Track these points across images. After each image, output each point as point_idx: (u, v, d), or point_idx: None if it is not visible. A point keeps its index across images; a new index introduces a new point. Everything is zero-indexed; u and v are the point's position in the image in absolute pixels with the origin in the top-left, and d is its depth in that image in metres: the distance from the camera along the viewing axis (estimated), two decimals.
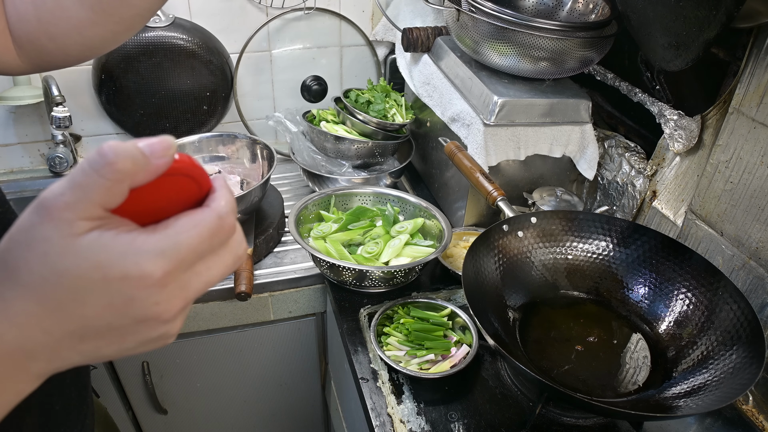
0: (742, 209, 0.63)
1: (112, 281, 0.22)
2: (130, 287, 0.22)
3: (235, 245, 0.26)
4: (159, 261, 0.22)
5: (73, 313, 0.22)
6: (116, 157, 0.21)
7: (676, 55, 0.60)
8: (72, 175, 0.22)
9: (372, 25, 1.16)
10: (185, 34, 1.01)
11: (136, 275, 0.22)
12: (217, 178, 0.26)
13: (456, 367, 0.63)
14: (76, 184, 0.22)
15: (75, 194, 0.22)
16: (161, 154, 0.23)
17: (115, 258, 0.22)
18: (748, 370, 0.53)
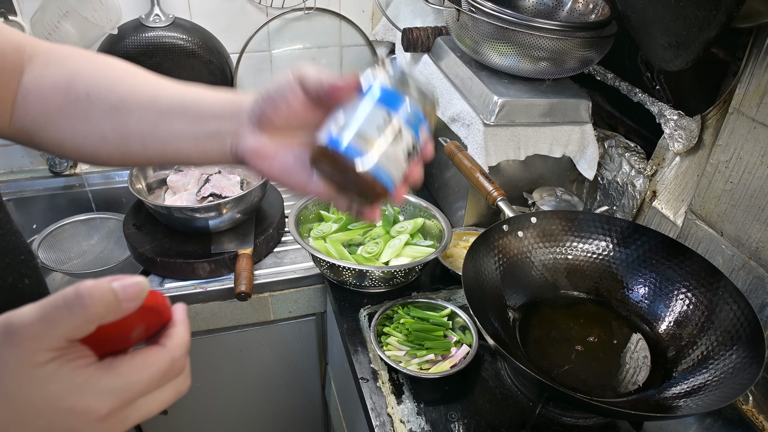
0: (742, 209, 0.63)
1: (57, 411, 0.23)
2: (73, 419, 0.23)
3: (180, 382, 0.27)
4: (106, 399, 0.24)
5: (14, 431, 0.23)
6: (91, 301, 0.23)
7: (676, 55, 0.60)
8: (45, 305, 0.23)
9: (372, 25, 1.16)
10: (185, 34, 1.01)
11: (82, 409, 0.23)
12: (178, 310, 0.28)
13: (456, 367, 0.63)
14: (47, 318, 0.23)
15: (43, 327, 0.23)
16: (132, 297, 0.24)
17: (66, 391, 0.23)
18: (748, 370, 0.53)
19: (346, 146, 0.32)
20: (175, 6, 1.02)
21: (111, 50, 0.99)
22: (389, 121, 0.32)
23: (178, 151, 0.39)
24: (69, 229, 0.99)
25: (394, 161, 0.33)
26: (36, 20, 0.93)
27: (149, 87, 0.40)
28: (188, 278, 0.85)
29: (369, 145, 0.32)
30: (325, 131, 0.33)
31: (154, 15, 0.99)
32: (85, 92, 0.39)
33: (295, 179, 0.37)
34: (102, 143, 0.39)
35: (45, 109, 0.40)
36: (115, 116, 0.39)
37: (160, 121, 0.38)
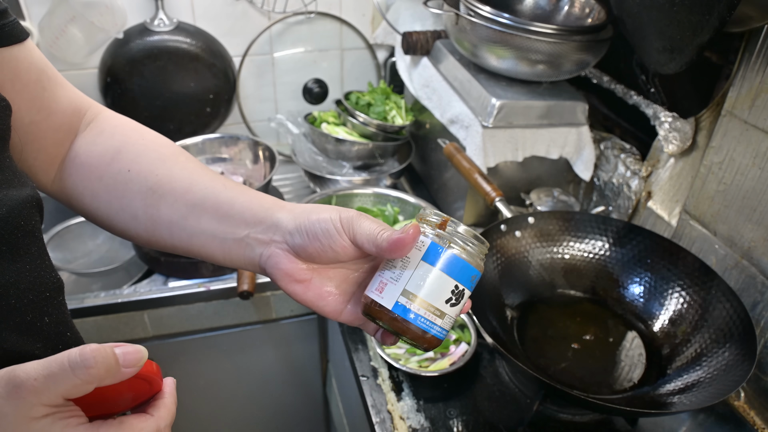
0: (734, 210, 0.64)
1: None
2: None
3: None
4: None
5: None
6: (94, 363, 0.24)
7: (670, 59, 0.61)
8: (51, 363, 0.25)
9: (372, 28, 1.17)
10: (189, 37, 1.03)
11: None
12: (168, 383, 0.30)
13: (455, 365, 0.64)
14: (51, 375, 0.24)
15: (46, 383, 0.24)
16: (132, 364, 0.26)
17: None
18: (740, 367, 0.54)
19: (414, 316, 0.32)
20: (179, 10, 1.04)
21: (116, 54, 1.01)
22: (455, 290, 0.32)
23: (203, 246, 0.38)
24: (75, 229, 1.00)
25: (450, 320, 0.33)
26: (44, 25, 0.95)
27: (187, 175, 0.39)
28: (192, 277, 0.86)
29: (436, 315, 0.32)
30: (384, 290, 0.33)
31: (158, 19, 1.01)
32: (127, 168, 0.39)
33: (329, 308, 0.36)
34: (133, 221, 0.39)
35: (87, 176, 0.40)
36: (149, 198, 0.38)
37: (190, 214, 0.37)
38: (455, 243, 0.33)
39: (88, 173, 0.40)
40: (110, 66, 1.01)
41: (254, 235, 0.36)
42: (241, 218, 0.37)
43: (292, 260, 0.35)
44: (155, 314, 0.86)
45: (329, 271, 0.36)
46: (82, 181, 0.40)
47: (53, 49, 0.97)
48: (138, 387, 0.29)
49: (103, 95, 1.05)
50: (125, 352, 0.26)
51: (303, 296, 0.35)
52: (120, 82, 1.02)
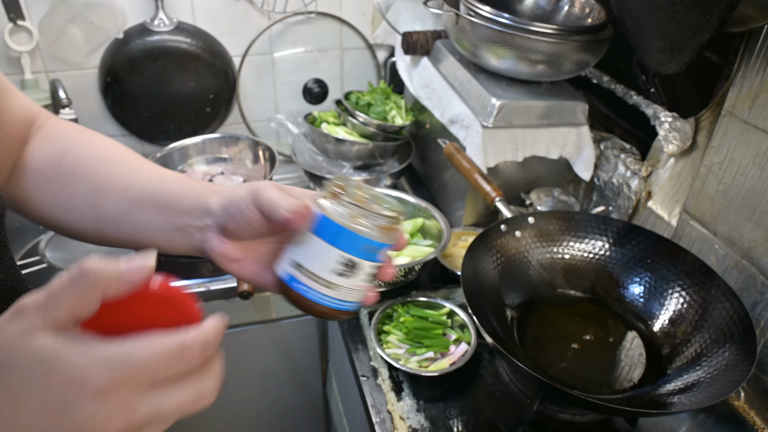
0: (734, 210, 0.64)
1: (53, 383, 0.21)
2: (68, 392, 0.21)
3: (202, 381, 0.25)
4: (104, 368, 0.22)
5: (6, 417, 0.21)
6: (91, 268, 0.22)
7: (670, 59, 0.61)
8: (51, 283, 0.23)
9: (372, 28, 1.17)
10: (189, 37, 1.03)
11: (77, 380, 0.21)
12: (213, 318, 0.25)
13: (455, 364, 0.64)
14: (51, 290, 0.23)
15: (47, 297, 0.22)
16: (136, 269, 0.23)
17: (62, 359, 0.22)
18: (740, 367, 0.54)
19: (299, 286, 0.32)
20: (179, 10, 1.04)
21: (116, 54, 1.01)
22: (342, 260, 0.32)
23: (148, 238, 0.39)
24: None
25: (350, 291, 0.33)
26: (44, 25, 0.95)
27: (127, 172, 0.40)
28: (191, 277, 0.86)
29: (324, 285, 0.32)
30: (281, 265, 0.33)
31: (158, 19, 1.01)
32: (71, 170, 0.40)
33: (268, 282, 0.37)
34: (81, 221, 0.40)
35: (35, 181, 0.41)
36: (94, 198, 0.39)
37: (133, 210, 0.39)
38: (343, 213, 0.32)
39: (36, 178, 0.41)
40: (110, 66, 1.01)
41: (191, 222, 0.38)
42: (178, 208, 0.38)
43: (223, 241, 0.36)
44: None
45: (260, 247, 0.37)
46: (30, 187, 0.41)
47: (53, 49, 0.97)
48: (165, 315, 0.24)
49: (103, 95, 1.05)
50: (128, 258, 0.23)
51: (240, 274, 0.36)
52: (120, 82, 1.02)
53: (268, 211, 0.33)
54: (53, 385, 0.21)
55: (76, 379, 0.21)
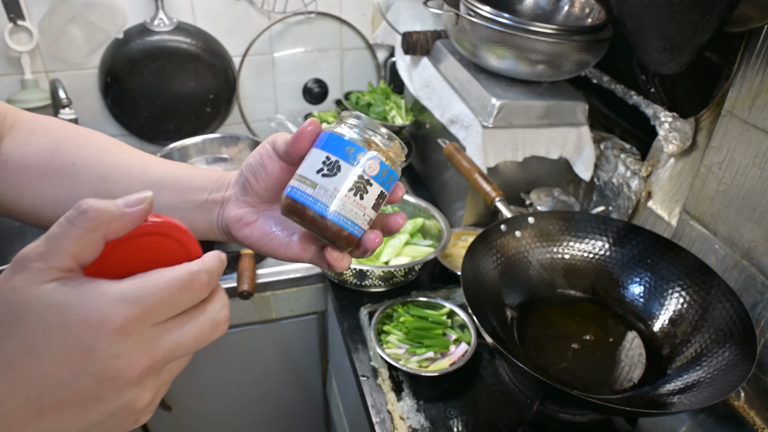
0: (734, 210, 0.64)
1: (71, 328, 0.21)
2: (88, 334, 0.21)
3: (213, 310, 0.24)
4: (121, 306, 0.21)
5: (28, 369, 0.20)
6: (89, 207, 0.22)
7: (670, 59, 0.61)
8: (50, 229, 0.22)
9: (372, 28, 1.17)
10: (189, 37, 1.03)
11: (96, 321, 0.21)
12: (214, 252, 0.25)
13: (455, 364, 0.64)
14: (51, 235, 0.22)
15: (48, 244, 0.22)
16: (135, 203, 0.23)
17: (75, 302, 0.21)
18: (740, 367, 0.54)
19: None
20: (179, 10, 1.04)
21: (116, 54, 1.01)
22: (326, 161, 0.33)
23: None
24: None
25: (353, 207, 0.33)
26: (44, 25, 0.95)
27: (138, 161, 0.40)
28: None
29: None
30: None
31: (158, 19, 1.01)
32: (71, 162, 0.40)
33: (274, 243, 0.37)
34: None
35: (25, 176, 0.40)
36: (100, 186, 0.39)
37: None
38: (337, 125, 0.35)
39: (27, 174, 0.40)
40: (110, 66, 1.01)
41: (212, 197, 0.38)
42: (200, 185, 0.39)
43: (239, 205, 0.37)
44: None
45: (273, 212, 0.38)
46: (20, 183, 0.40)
47: (53, 49, 0.97)
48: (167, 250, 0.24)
49: (103, 95, 1.05)
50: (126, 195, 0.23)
51: (251, 237, 0.37)
52: (120, 82, 1.02)
53: (283, 144, 0.35)
54: (71, 330, 0.21)
55: (93, 320, 0.21)
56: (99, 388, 0.21)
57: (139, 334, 0.22)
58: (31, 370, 0.21)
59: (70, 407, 0.21)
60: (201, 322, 0.24)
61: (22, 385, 0.20)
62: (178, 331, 0.23)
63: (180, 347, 0.23)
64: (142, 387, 0.22)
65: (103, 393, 0.21)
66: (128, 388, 0.22)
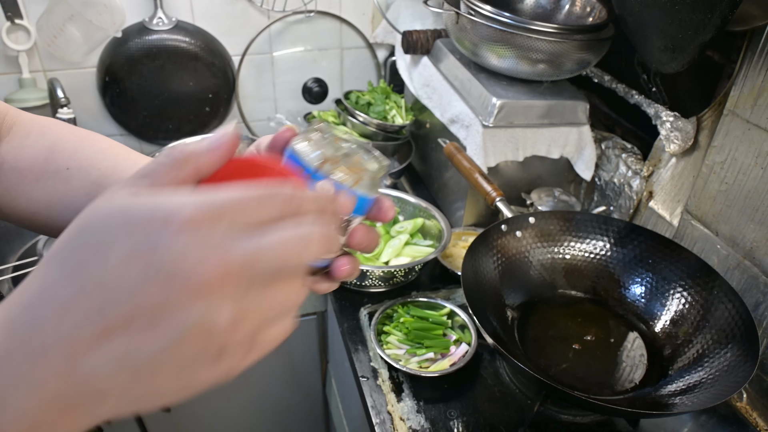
0: (736, 210, 0.63)
1: (135, 225, 0.19)
2: (153, 231, 0.18)
3: (304, 223, 0.21)
4: (189, 204, 0.19)
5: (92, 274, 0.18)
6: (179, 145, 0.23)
7: (671, 58, 0.61)
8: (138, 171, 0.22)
9: (372, 27, 1.17)
10: (188, 36, 1.02)
11: (161, 217, 0.19)
12: (324, 184, 0.23)
13: (455, 365, 0.64)
14: (146, 170, 0.21)
15: (142, 172, 0.21)
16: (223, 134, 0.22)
17: (143, 202, 0.19)
18: (742, 368, 0.53)
19: None
20: (178, 9, 1.03)
21: (115, 53, 1.00)
22: None
23: None
24: None
25: None
26: (41, 23, 0.94)
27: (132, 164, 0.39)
28: None
29: None
30: None
31: (157, 18, 1.00)
32: (65, 166, 0.39)
33: None
34: None
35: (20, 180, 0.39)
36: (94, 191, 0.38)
37: None
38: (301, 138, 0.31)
39: (21, 178, 0.39)
40: (108, 65, 1.01)
41: None
42: None
43: None
44: None
45: None
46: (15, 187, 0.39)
47: (51, 48, 0.96)
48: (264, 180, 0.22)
49: (101, 94, 1.05)
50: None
51: None
52: (118, 82, 1.02)
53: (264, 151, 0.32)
54: (135, 228, 0.18)
55: (159, 217, 0.18)
56: (165, 294, 0.18)
57: (209, 232, 0.18)
58: (94, 275, 0.18)
59: (136, 324, 0.18)
60: (286, 232, 0.20)
61: (86, 292, 0.18)
62: (257, 237, 0.20)
63: (259, 257, 0.19)
64: (217, 299, 0.18)
65: (170, 300, 0.18)
66: (199, 297, 0.18)
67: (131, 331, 0.18)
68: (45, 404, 0.18)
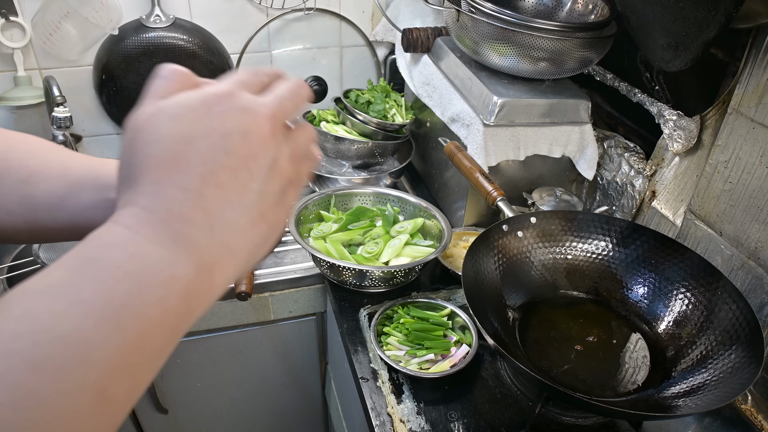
0: (741, 209, 0.63)
1: (196, 109, 0.24)
2: (213, 105, 0.24)
3: (290, 80, 0.28)
4: (221, 84, 0.26)
5: (189, 153, 0.23)
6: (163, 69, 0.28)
7: (675, 56, 0.60)
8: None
9: (372, 25, 1.16)
10: (186, 34, 1.01)
11: (211, 96, 0.24)
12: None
13: (456, 366, 0.63)
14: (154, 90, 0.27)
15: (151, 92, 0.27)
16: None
17: (188, 95, 0.25)
18: (746, 370, 0.53)
19: None
20: (176, 6, 1.02)
21: (112, 50, 0.99)
22: None
23: (88, 220, 0.38)
24: None
25: None
26: (37, 21, 0.93)
27: (61, 161, 0.40)
28: None
29: None
30: None
31: (154, 15, 0.99)
32: None
33: None
34: (9, 217, 0.39)
35: None
36: (23, 190, 0.38)
37: (70, 194, 0.38)
38: None
39: None
40: (105, 63, 1.00)
41: None
42: None
43: None
44: None
45: None
46: None
47: (47, 45, 0.95)
48: None
49: (98, 93, 1.04)
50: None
51: None
52: (115, 80, 1.01)
53: None
54: (198, 110, 0.24)
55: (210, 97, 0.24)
56: (247, 141, 0.24)
57: (244, 95, 0.25)
58: (190, 153, 0.23)
59: (238, 171, 0.23)
60: (285, 84, 0.27)
61: (192, 165, 0.23)
62: (272, 92, 0.26)
63: (282, 100, 0.26)
64: (277, 142, 0.25)
65: (252, 145, 0.24)
66: (268, 141, 0.24)
67: (237, 178, 0.24)
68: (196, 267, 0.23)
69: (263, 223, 0.25)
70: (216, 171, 0.23)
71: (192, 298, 0.22)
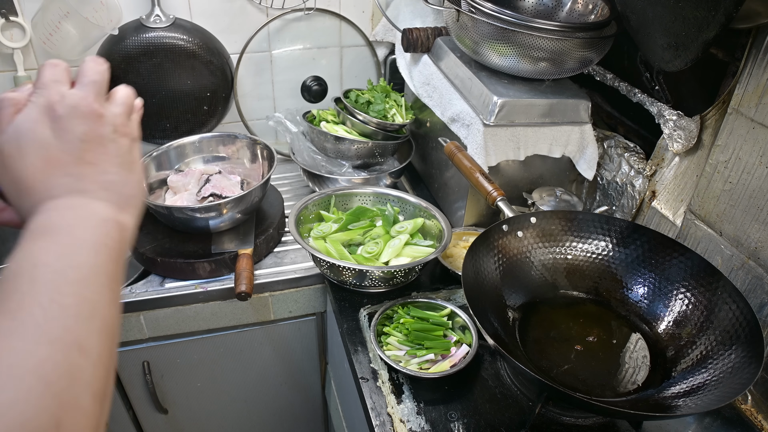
0: (741, 209, 0.63)
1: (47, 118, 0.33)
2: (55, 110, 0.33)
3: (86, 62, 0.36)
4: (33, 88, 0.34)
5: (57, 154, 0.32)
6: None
7: (675, 56, 0.60)
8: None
9: (372, 25, 1.16)
10: (186, 34, 1.01)
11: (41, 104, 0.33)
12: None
13: (456, 366, 0.63)
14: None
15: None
16: None
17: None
18: (746, 370, 0.53)
19: None
20: (176, 6, 1.02)
21: (112, 50, 0.99)
22: None
23: None
24: None
25: None
26: (37, 21, 0.93)
27: None
28: (188, 278, 0.85)
29: None
30: None
31: (154, 15, 0.99)
32: None
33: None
34: None
35: None
36: None
37: None
38: None
39: None
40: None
41: None
42: None
43: None
44: (151, 316, 0.85)
45: None
46: None
47: (47, 45, 0.95)
48: None
49: None
50: None
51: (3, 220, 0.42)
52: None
53: None
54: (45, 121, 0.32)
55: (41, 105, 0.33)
56: (89, 126, 0.33)
57: (70, 96, 0.33)
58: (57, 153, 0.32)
59: (96, 148, 0.33)
60: (86, 66, 0.35)
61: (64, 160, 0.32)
62: (80, 81, 0.34)
63: (92, 83, 0.34)
64: (107, 113, 0.34)
65: (93, 125, 0.33)
66: (101, 117, 0.34)
67: (98, 150, 0.34)
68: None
69: (132, 167, 0.35)
70: (82, 156, 0.32)
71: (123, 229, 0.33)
